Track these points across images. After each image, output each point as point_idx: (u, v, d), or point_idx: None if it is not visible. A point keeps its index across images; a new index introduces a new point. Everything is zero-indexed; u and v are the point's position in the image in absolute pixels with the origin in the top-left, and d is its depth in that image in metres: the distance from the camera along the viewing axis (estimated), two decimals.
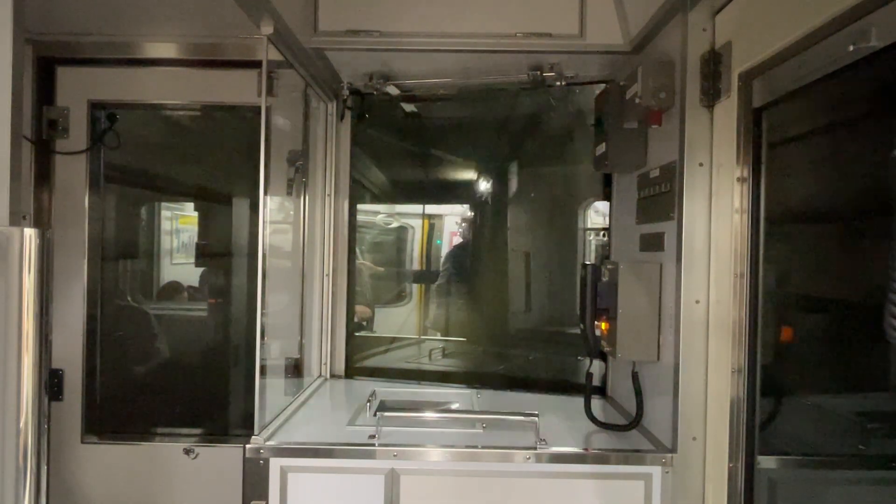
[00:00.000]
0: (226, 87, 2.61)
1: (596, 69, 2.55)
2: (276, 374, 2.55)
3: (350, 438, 2.03)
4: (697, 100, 1.87)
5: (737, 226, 1.77)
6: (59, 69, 2.58)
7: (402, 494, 1.95)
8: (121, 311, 2.89)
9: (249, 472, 1.94)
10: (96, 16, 2.43)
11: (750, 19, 1.70)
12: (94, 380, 2.64)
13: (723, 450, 1.80)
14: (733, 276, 1.78)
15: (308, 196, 2.78)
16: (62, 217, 2.58)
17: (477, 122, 3.08)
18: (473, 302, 3.15)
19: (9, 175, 1.13)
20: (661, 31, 2.08)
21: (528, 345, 3.02)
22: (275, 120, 2.40)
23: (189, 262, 3.09)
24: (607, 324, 2.18)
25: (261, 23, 1.98)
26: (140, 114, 2.75)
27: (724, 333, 1.81)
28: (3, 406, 1.12)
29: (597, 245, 2.85)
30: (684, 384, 1.87)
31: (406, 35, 2.32)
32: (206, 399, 2.80)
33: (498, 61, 2.49)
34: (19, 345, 1.12)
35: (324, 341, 2.89)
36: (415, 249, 3.32)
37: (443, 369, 3.06)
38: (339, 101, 2.88)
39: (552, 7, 2.29)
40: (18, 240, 1.12)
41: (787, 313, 1.82)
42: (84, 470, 2.59)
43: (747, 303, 1.74)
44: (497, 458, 1.96)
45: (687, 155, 1.87)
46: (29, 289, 1.12)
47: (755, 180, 1.73)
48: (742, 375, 1.74)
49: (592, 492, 1.95)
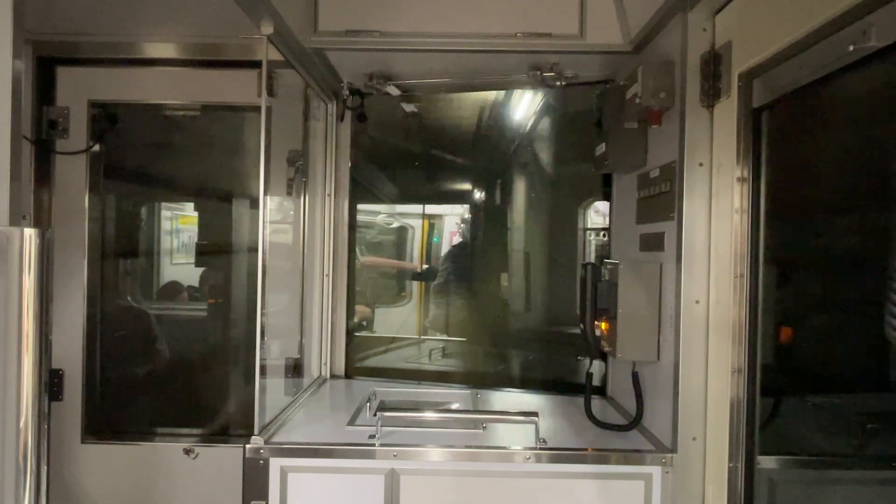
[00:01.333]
0: (226, 87, 2.61)
1: (596, 69, 2.55)
2: (276, 374, 2.55)
3: (350, 438, 2.03)
4: (697, 100, 1.87)
5: (737, 226, 1.77)
6: (59, 69, 2.58)
7: (402, 494, 1.94)
8: (121, 311, 2.89)
9: (249, 472, 1.94)
10: (96, 16, 2.43)
11: (750, 19, 1.70)
12: (94, 380, 2.64)
13: (723, 450, 1.80)
14: (733, 276, 1.78)
15: (308, 196, 2.78)
16: (62, 217, 2.58)
17: (477, 121, 3.08)
18: (473, 302, 3.15)
19: (9, 175, 1.13)
20: (661, 31, 2.08)
21: (528, 345, 3.02)
22: (275, 120, 2.40)
23: (189, 262, 3.09)
24: (607, 324, 2.18)
25: (261, 23, 1.98)
26: (140, 114, 2.75)
27: (724, 333, 1.81)
28: (3, 406, 1.11)
29: (597, 245, 2.85)
30: (684, 384, 1.87)
31: (406, 35, 2.32)
32: (206, 399, 2.80)
33: (498, 61, 2.49)
34: (19, 345, 1.12)
35: (324, 341, 2.89)
36: (415, 249, 3.32)
37: (443, 369, 3.06)
38: (339, 101, 2.88)
39: (552, 7, 2.29)
40: (18, 240, 1.12)
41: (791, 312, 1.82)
42: (84, 470, 2.59)
43: (747, 303, 1.74)
44: (497, 458, 1.96)
45: (687, 155, 1.87)
46: (29, 289, 1.12)
47: (755, 180, 1.73)
48: (742, 375, 1.75)
49: (592, 492, 1.95)
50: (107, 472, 2.60)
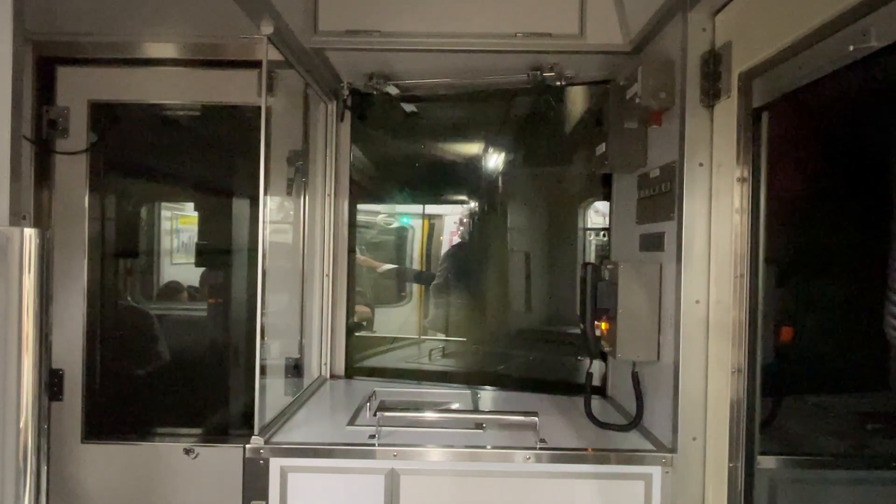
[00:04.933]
0: (226, 87, 2.61)
1: (596, 69, 2.55)
2: (276, 374, 2.55)
3: (350, 438, 2.03)
4: (697, 100, 1.87)
5: (737, 226, 1.77)
6: (59, 69, 2.58)
7: (402, 494, 1.94)
8: (121, 311, 2.89)
9: (249, 472, 1.94)
10: (96, 16, 2.43)
11: (750, 19, 1.70)
12: (94, 380, 2.63)
13: (723, 450, 1.80)
14: (733, 276, 1.78)
15: (308, 196, 2.78)
16: (62, 217, 2.58)
17: (477, 122, 3.08)
18: (473, 302, 3.15)
19: (9, 175, 1.13)
20: (661, 31, 2.08)
21: (528, 345, 3.02)
22: (275, 120, 2.40)
23: (189, 262, 3.09)
24: (607, 324, 2.18)
25: (261, 23, 1.98)
26: (140, 114, 2.75)
27: (724, 333, 1.81)
28: (3, 406, 1.11)
29: (597, 245, 2.85)
30: (684, 384, 1.87)
31: (406, 35, 2.32)
32: (206, 399, 2.80)
33: (498, 61, 2.49)
34: (19, 345, 1.12)
35: (324, 341, 2.89)
36: (415, 249, 3.32)
37: (443, 369, 3.06)
38: (339, 101, 2.88)
39: (552, 7, 2.29)
40: (18, 240, 1.12)
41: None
42: (84, 470, 2.59)
43: (747, 303, 1.74)
44: (497, 458, 1.96)
45: (687, 155, 1.87)
46: (29, 289, 1.12)
47: (755, 180, 1.73)
48: (742, 375, 1.74)
49: (592, 492, 1.95)
50: (107, 472, 2.60)
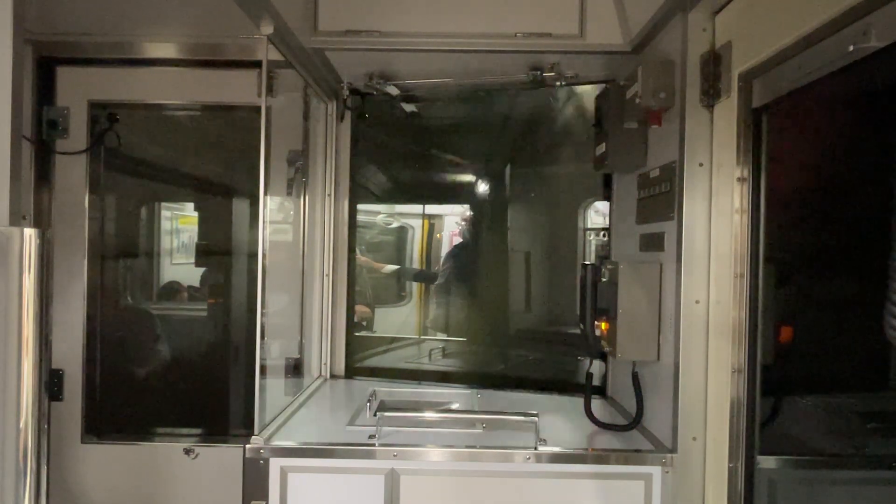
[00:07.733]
0: (226, 87, 2.60)
1: (596, 69, 2.55)
2: (276, 374, 2.55)
3: (350, 438, 2.03)
4: (697, 100, 1.87)
5: (737, 226, 1.77)
6: (59, 69, 2.58)
7: (402, 494, 1.94)
8: (121, 311, 2.88)
9: (249, 472, 1.94)
10: (96, 16, 2.43)
11: (750, 19, 1.70)
12: (94, 380, 2.63)
13: (723, 450, 1.80)
14: (733, 276, 1.78)
15: (308, 196, 2.78)
16: (62, 217, 2.58)
17: (477, 122, 3.08)
18: (473, 302, 3.15)
19: (9, 175, 1.13)
20: (661, 31, 2.08)
21: (528, 345, 3.02)
22: (275, 120, 2.40)
23: (189, 262, 3.09)
24: (607, 324, 2.18)
25: (261, 23, 1.98)
26: (140, 113, 2.75)
27: (724, 333, 1.81)
28: (3, 406, 1.11)
29: (597, 245, 2.85)
30: (684, 384, 1.87)
31: (406, 35, 2.32)
32: (206, 399, 2.80)
33: (498, 61, 2.49)
34: (19, 345, 1.12)
35: (324, 341, 2.89)
36: (415, 249, 3.32)
37: (443, 369, 3.06)
38: (339, 101, 2.88)
39: (552, 7, 2.29)
40: (18, 240, 1.12)
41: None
42: (84, 470, 2.59)
43: (747, 303, 1.74)
44: (497, 458, 1.96)
45: (687, 155, 1.87)
46: (29, 289, 1.12)
47: (755, 180, 1.73)
48: (742, 375, 1.74)
49: (592, 492, 1.95)
50: (107, 472, 2.59)
